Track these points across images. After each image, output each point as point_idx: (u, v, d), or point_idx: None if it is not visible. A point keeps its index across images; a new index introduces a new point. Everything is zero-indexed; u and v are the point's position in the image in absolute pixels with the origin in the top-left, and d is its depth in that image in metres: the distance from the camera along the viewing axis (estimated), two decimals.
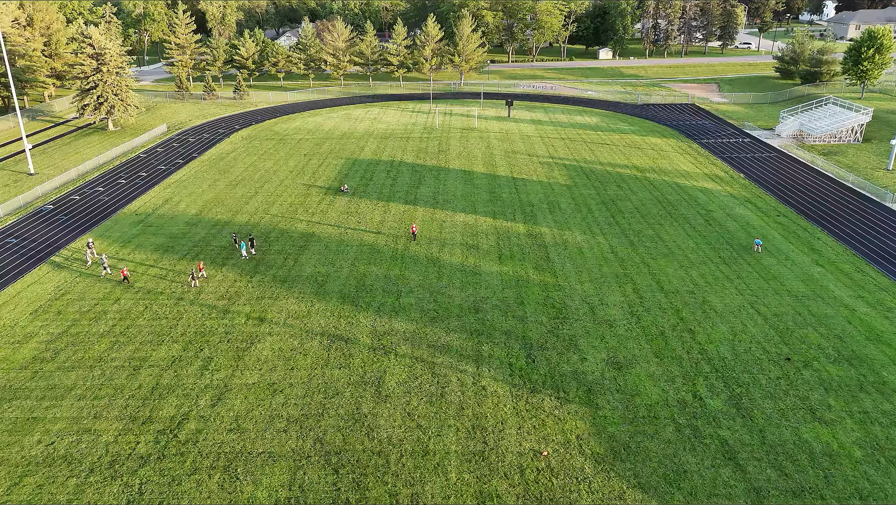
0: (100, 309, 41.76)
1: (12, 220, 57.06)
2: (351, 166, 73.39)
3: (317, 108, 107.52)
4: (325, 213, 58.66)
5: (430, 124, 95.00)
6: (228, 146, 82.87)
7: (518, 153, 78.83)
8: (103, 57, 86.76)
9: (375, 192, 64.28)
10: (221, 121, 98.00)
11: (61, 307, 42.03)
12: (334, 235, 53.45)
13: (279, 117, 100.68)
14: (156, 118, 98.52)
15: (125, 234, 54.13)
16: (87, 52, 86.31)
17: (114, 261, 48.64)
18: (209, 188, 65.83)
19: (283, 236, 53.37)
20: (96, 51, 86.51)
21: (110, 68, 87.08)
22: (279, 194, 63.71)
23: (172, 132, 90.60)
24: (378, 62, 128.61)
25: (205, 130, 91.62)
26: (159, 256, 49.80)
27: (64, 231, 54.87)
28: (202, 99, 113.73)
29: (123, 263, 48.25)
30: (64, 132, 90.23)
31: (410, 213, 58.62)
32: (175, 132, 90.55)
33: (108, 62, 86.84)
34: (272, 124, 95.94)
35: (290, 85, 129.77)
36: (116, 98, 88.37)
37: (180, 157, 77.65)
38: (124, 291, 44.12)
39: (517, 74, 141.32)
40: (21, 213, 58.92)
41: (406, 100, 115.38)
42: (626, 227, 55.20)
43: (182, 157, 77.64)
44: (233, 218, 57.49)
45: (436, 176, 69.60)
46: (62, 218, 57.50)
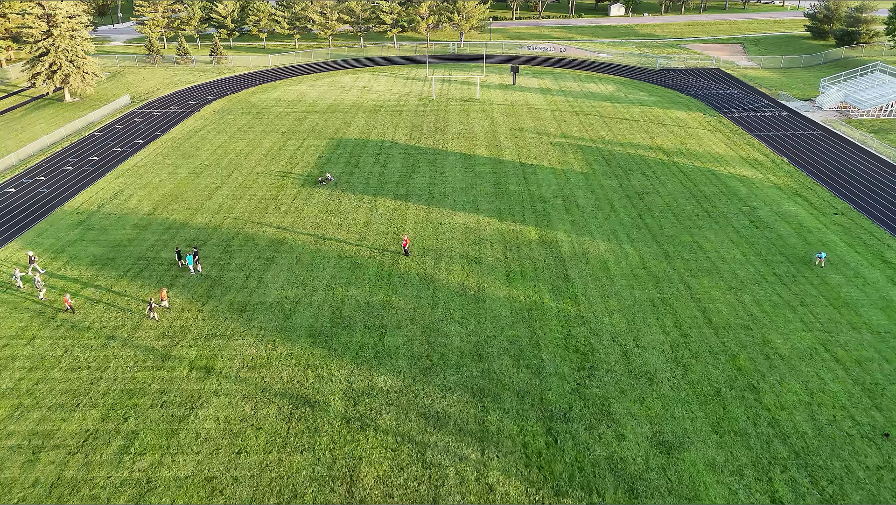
0: (7, 354, 33.27)
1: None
2: (334, 148, 63.86)
3: (301, 75, 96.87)
4: (301, 211, 49.64)
5: (427, 94, 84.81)
6: (197, 122, 73.04)
7: (526, 131, 69.14)
8: (54, 18, 76.08)
9: (361, 183, 55.04)
10: (193, 90, 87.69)
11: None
12: (309, 244, 44.59)
13: (258, 85, 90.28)
14: (120, 87, 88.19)
15: (59, 240, 45.27)
16: (36, 13, 75.61)
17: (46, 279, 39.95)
18: (168, 177, 56.56)
19: (248, 245, 44.51)
20: (45, 10, 75.79)
21: (63, 31, 76.47)
22: (248, 186, 54.50)
23: (136, 104, 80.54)
24: (370, 21, 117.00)
25: (173, 102, 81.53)
26: (95, 272, 41.06)
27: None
28: (175, 63, 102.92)
29: (53, 281, 39.57)
30: (15, 104, 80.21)
31: (401, 211, 49.61)
32: (139, 104, 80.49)
33: (59, 24, 76.20)
34: (249, 94, 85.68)
35: (274, 46, 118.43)
36: (71, 65, 78.01)
37: (140, 136, 68.00)
38: (44, 324, 35.56)
39: (522, 34, 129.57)
40: None
41: (400, 64, 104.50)
42: (657, 231, 46.29)
43: (143, 136, 67.99)
44: (190, 219, 48.52)
45: (432, 161, 60.19)
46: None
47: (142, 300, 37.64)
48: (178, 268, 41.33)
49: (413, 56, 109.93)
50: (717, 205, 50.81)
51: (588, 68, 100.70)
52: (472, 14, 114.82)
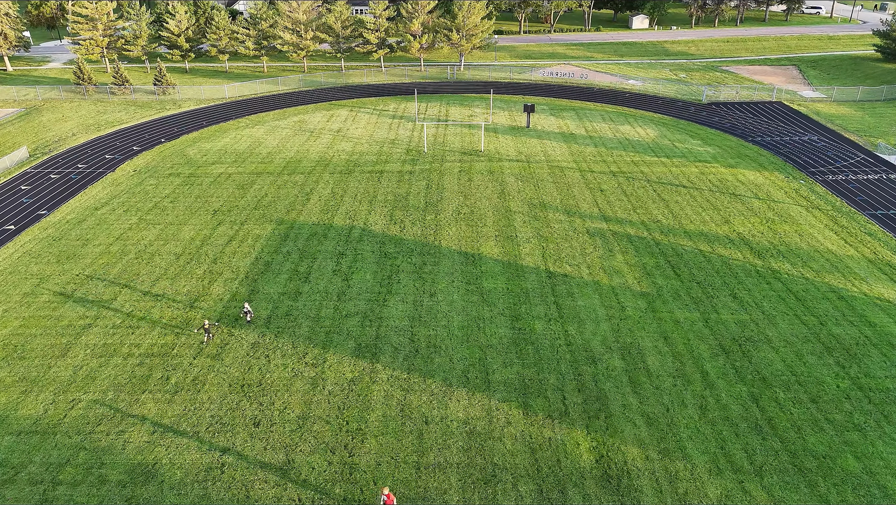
0: None
1: None
2: (281, 242, 44.75)
3: (262, 112, 77.74)
4: (199, 388, 30.56)
5: (417, 143, 65.72)
6: (104, 191, 53.93)
7: (550, 208, 50.04)
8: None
9: (308, 319, 35.89)
10: (119, 135, 68.63)
11: None
12: (191, 481, 25.47)
13: (204, 128, 71.17)
14: (24, 132, 69.13)
15: None
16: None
17: None
18: (18, 305, 37.45)
19: (87, 481, 25.41)
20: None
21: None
22: (134, 324, 35.41)
23: (35, 160, 61.48)
24: (351, 39, 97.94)
25: (85, 156, 62.45)
26: None
27: None
28: (109, 94, 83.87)
29: None
30: None
31: (362, 387, 30.53)
32: (38, 160, 61.41)
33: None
34: (189, 142, 66.56)
35: (238, 69, 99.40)
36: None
37: (15, 219, 48.91)
38: None
39: (532, 52, 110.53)
40: None
41: (387, 95, 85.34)
42: (794, 443, 27.21)
43: (17, 218, 48.91)
44: (10, 414, 29.42)
45: (418, 269, 41.09)
46: None
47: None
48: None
49: (403, 84, 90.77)
50: (872, 369, 31.71)
51: (618, 101, 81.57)
52: (475, 31, 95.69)
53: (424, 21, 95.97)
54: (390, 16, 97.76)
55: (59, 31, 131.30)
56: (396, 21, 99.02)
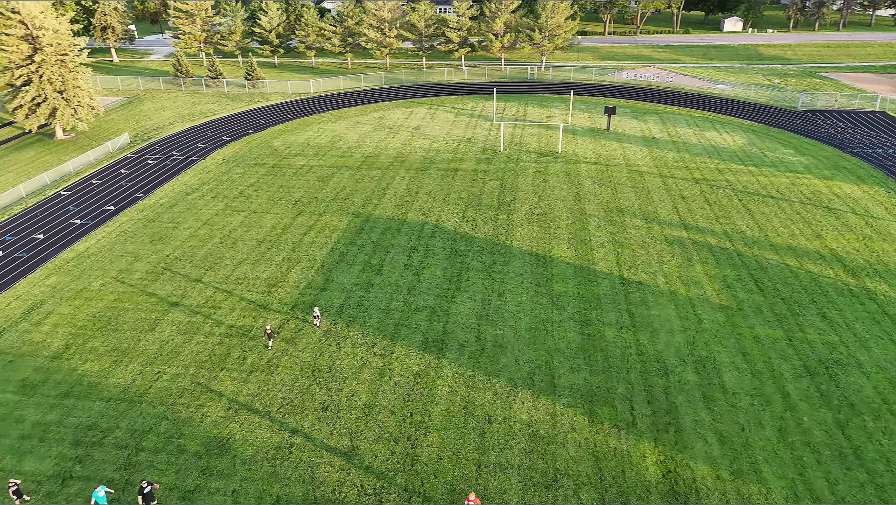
0: None
1: None
2: (356, 234, 45.81)
3: (345, 107, 79.79)
4: (272, 370, 31.75)
5: (493, 143, 65.66)
6: (195, 178, 56.88)
7: (627, 213, 48.83)
8: (39, 40, 62.00)
9: (378, 311, 36.57)
10: (211, 125, 72.18)
11: None
12: (263, 458, 26.50)
13: (289, 121, 73.80)
14: (125, 119, 73.85)
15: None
16: (17, 33, 61.74)
17: None
18: (113, 282, 40.10)
19: (168, 449, 26.91)
20: (29, 30, 61.81)
21: (47, 56, 62.26)
22: (216, 305, 37.17)
23: (135, 145, 65.55)
24: (434, 37, 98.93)
25: (179, 143, 66.10)
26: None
27: None
28: (204, 86, 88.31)
29: None
30: (3, 139, 67.03)
31: (428, 381, 30.82)
32: (138, 146, 65.45)
33: (44, 47, 62.03)
34: (274, 134, 69.20)
35: (324, 65, 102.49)
36: (59, 97, 63.84)
37: (115, 199, 52.36)
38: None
39: (616, 54, 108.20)
40: None
41: (466, 94, 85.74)
42: (885, 484, 25.40)
43: (117, 199, 52.32)
44: (106, 376, 31.52)
45: (488, 268, 41.06)
46: None
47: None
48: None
49: (482, 83, 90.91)
50: None
51: (704, 106, 78.59)
52: (558, 32, 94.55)
53: (507, 21, 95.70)
54: (473, 15, 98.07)
55: (161, 26, 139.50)
56: (479, 20, 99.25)
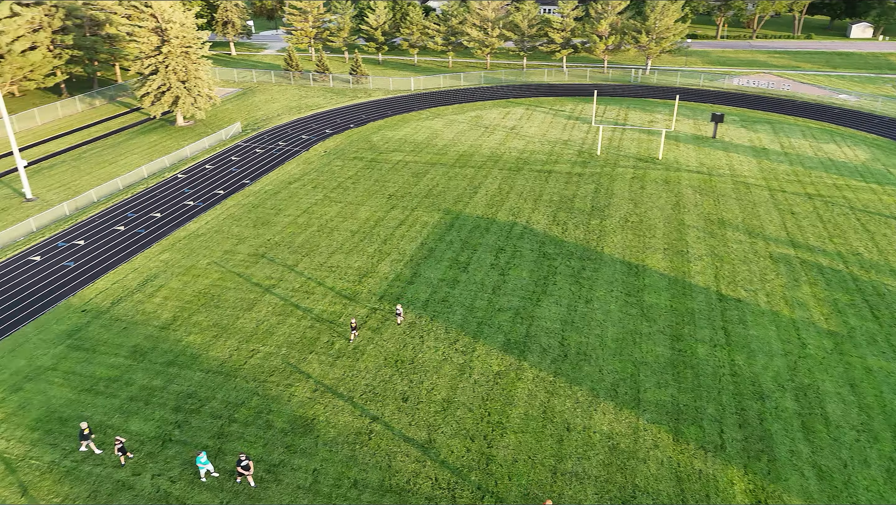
0: None
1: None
2: (446, 231, 46.32)
3: (442, 105, 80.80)
4: (358, 357, 32.70)
5: (591, 145, 64.33)
6: (297, 168, 59.49)
7: (729, 226, 46.42)
8: (167, 33, 66.94)
9: (461, 309, 36.81)
10: (315, 118, 75.22)
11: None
12: (344, 441, 27.36)
13: (388, 117, 75.64)
14: (238, 110, 78.28)
15: (29, 363, 32.55)
16: (148, 26, 66.96)
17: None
18: (219, 261, 42.71)
19: (256, 423, 28.39)
20: (159, 23, 66.86)
21: (173, 48, 67.11)
22: (310, 291, 38.74)
23: (246, 134, 69.43)
24: (536, 38, 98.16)
25: (286, 134, 69.34)
26: (32, 443, 27.29)
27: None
28: (312, 80, 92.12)
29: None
30: (128, 124, 73.00)
31: (508, 382, 30.69)
32: (248, 135, 69.25)
33: (171, 39, 66.88)
34: (374, 129, 71.16)
35: (425, 63, 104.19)
36: (182, 86, 68.67)
37: (224, 185, 55.69)
38: None
39: (728, 59, 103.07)
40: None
41: (565, 95, 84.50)
42: None
43: (227, 185, 55.63)
44: (206, 349, 33.64)
45: (576, 273, 40.31)
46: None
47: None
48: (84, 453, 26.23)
49: (582, 85, 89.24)
50: None
51: (824, 117, 73.33)
52: (666, 34, 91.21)
53: (613, 22, 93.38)
54: (578, 16, 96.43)
55: (276, 22, 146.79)
56: (584, 21, 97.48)
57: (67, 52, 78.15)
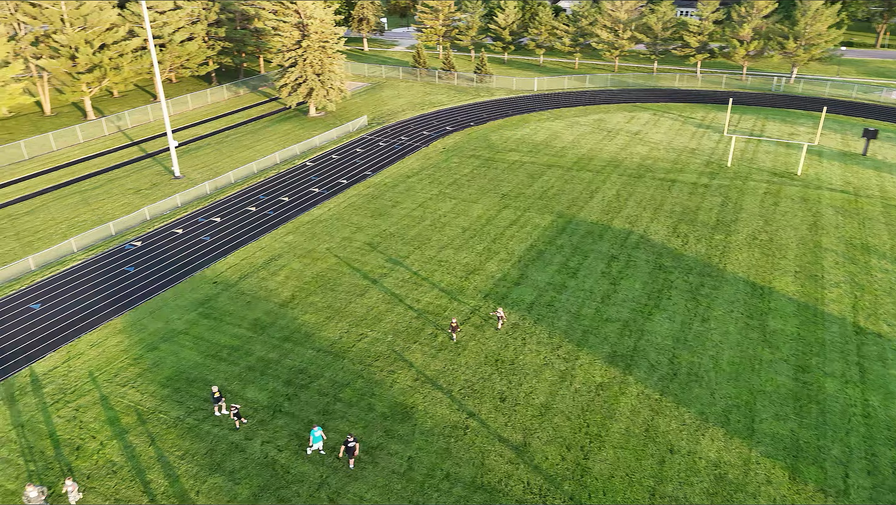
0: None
1: (84, 259, 43.16)
2: (557, 234, 45.64)
3: (565, 106, 79.59)
4: (460, 352, 33.04)
5: (721, 156, 60.79)
6: (416, 163, 61.02)
7: (875, 253, 42.13)
8: (307, 28, 70.95)
9: (566, 315, 36.12)
10: (437, 115, 76.74)
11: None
12: (439, 430, 27.77)
13: (509, 117, 75.65)
14: (365, 104, 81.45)
15: (165, 325, 35.87)
16: (291, 21, 71.30)
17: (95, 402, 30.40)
18: (337, 247, 44.76)
19: (358, 404, 29.51)
20: (301, 19, 71.01)
21: (312, 42, 71.01)
22: (417, 282, 39.67)
23: (371, 128, 72.16)
24: (670, 41, 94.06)
25: (408, 129, 71.33)
26: (162, 399, 30.13)
27: (94, 301, 38.83)
28: (437, 78, 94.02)
29: (96, 409, 29.69)
30: (265, 112, 78.27)
31: (609, 395, 29.73)
32: (373, 128, 71.94)
33: (311, 34, 70.82)
34: (493, 128, 71.45)
35: (551, 64, 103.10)
36: (317, 79, 72.54)
37: (348, 174, 58.25)
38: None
39: (889, 70, 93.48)
40: (101, 247, 44.93)
41: (696, 102, 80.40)
42: None
43: (350, 175, 58.15)
44: (321, 327, 35.42)
45: (694, 289, 38.29)
46: (129, 270, 41.82)
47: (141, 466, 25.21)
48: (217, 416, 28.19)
49: (716, 92, 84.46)
50: None
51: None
52: (817, 41, 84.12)
53: (757, 26, 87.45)
54: (718, 19, 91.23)
55: (408, 20, 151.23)
56: (723, 25, 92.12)
57: (219, 44, 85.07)
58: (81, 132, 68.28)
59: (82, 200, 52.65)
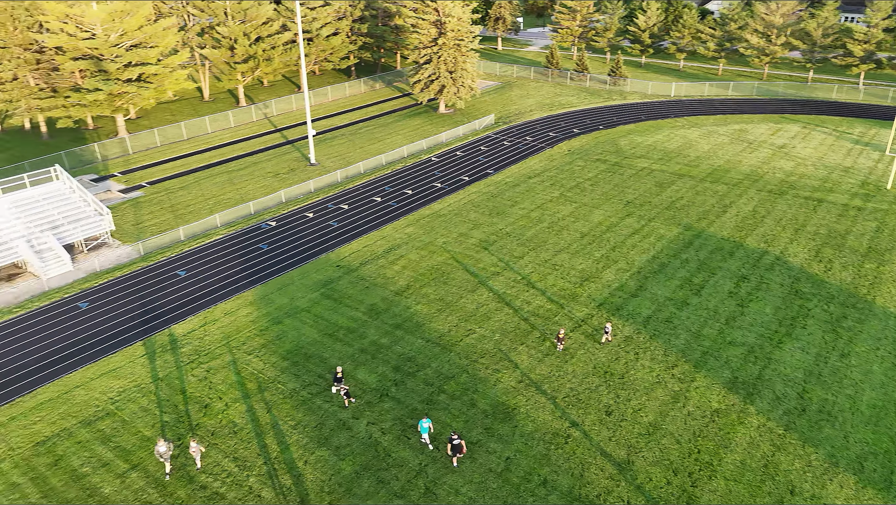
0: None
1: (224, 234, 47.07)
2: (682, 248, 43.43)
3: (702, 115, 75.43)
4: (567, 358, 32.38)
5: (880, 177, 54.91)
6: (539, 164, 60.50)
7: None
8: (445, 26, 72.46)
9: (685, 334, 34.29)
10: (565, 117, 75.55)
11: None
12: (539, 436, 27.43)
13: (640, 122, 72.91)
14: (494, 102, 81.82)
15: (290, 302, 38.24)
16: (429, 19, 73.12)
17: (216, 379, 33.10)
18: (453, 242, 45.47)
19: (461, 399, 29.84)
20: (439, 17, 72.64)
21: (448, 40, 72.43)
22: (528, 286, 39.36)
23: (497, 126, 72.46)
24: (830, 49, 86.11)
25: (534, 130, 70.85)
26: (282, 370, 32.24)
27: (227, 274, 42.06)
28: (569, 79, 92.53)
29: (224, 373, 32.27)
30: (397, 107, 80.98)
31: (725, 423, 27.88)
32: (499, 127, 72.18)
33: (447, 32, 72.27)
34: (622, 133, 69.20)
35: (692, 69, 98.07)
36: (449, 76, 73.95)
37: (470, 171, 58.93)
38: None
39: None
40: (240, 224, 48.71)
41: (855, 117, 73.11)
42: None
43: (472, 172, 58.79)
44: (429, 320, 36.21)
45: (834, 321, 34.92)
46: (262, 247, 45.04)
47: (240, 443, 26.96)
48: (323, 396, 29.46)
49: (880, 107, 76.31)
50: None
51: None
52: None
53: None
54: (889, 27, 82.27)
55: (544, 20, 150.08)
56: (895, 33, 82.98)
57: (361, 39, 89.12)
58: (233, 117, 74.34)
59: (228, 180, 57.35)
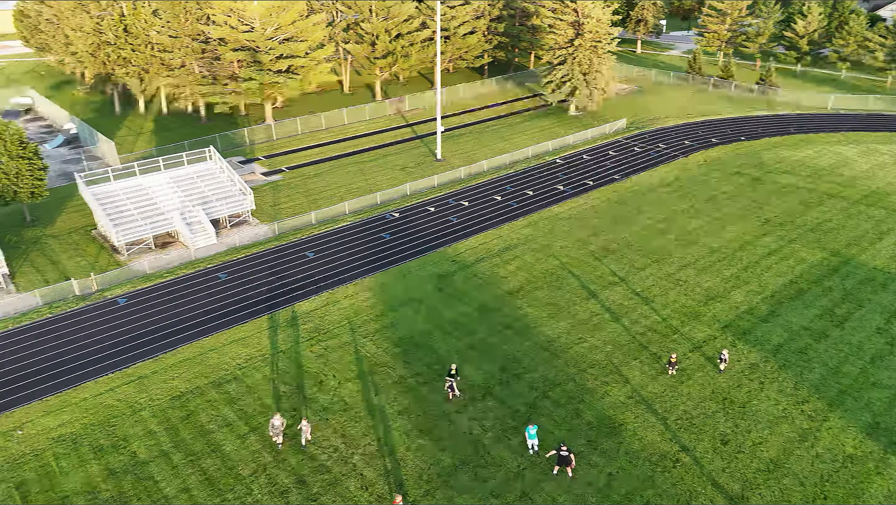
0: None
1: (352, 220, 49.34)
2: (825, 274, 39.62)
3: (863, 131, 68.35)
4: (681, 380, 30.69)
5: None
6: (670, 173, 57.72)
7: None
8: (583, 27, 71.07)
9: (821, 368, 31.27)
10: (703, 125, 71.48)
11: None
12: (640, 469, 26.25)
13: (788, 135, 67.37)
14: (627, 107, 79.01)
15: (406, 292, 39.35)
16: (567, 19, 72.00)
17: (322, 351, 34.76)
18: (571, 247, 44.55)
19: (563, 413, 29.22)
20: (578, 17, 71.35)
21: (584, 41, 70.98)
22: (646, 300, 37.70)
23: (629, 131, 69.99)
24: None
25: (669, 137, 67.67)
26: (393, 356, 33.34)
27: (308, 268, 43.88)
28: (711, 85, 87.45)
29: (340, 352, 33.84)
30: (525, 108, 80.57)
31: (862, 473, 25.16)
32: (631, 132, 69.67)
33: (584, 33, 70.84)
34: (766, 146, 64.29)
35: (855, 80, 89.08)
36: (583, 78, 72.48)
37: (595, 176, 57.41)
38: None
39: None
40: (367, 213, 50.78)
41: None
42: None
43: (597, 176, 57.25)
44: (541, 323, 35.75)
45: None
46: (385, 237, 46.72)
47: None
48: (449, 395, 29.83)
49: None
50: None
51: None
52: None
53: None
54: None
55: (689, 23, 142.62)
56: None
57: (496, 39, 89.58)
58: (369, 111, 77.64)
59: (359, 171, 60.01)
